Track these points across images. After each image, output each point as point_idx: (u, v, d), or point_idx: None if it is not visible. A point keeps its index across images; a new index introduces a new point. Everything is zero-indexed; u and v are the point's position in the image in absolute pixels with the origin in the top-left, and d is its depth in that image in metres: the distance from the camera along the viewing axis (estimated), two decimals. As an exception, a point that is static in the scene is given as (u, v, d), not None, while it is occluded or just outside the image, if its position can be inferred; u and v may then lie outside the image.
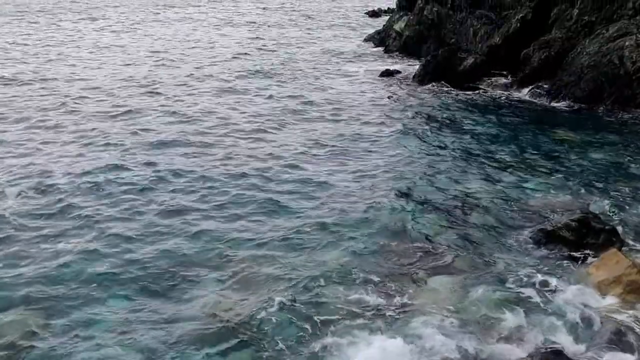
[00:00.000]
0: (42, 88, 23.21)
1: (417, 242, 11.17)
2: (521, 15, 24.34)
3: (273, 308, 9.11)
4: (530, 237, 11.29)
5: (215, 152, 15.97)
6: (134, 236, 11.30)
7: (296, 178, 14.25)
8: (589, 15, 22.33)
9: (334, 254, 10.75)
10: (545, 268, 10.28)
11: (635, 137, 17.21)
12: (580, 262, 10.45)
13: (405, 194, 13.34)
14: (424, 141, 17.23)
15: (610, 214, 12.21)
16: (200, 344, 8.41)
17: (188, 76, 25.24)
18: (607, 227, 11.08)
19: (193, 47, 31.28)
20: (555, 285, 9.66)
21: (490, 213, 12.39)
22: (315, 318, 8.91)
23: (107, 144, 16.51)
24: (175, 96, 21.89)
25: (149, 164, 14.94)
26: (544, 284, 9.75)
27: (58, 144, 16.59)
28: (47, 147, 16.31)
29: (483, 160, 15.64)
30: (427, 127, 18.63)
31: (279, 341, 8.42)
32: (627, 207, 12.58)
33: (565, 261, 10.52)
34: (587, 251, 10.65)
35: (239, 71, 26.16)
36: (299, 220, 12.04)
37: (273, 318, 8.89)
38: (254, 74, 25.45)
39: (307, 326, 8.73)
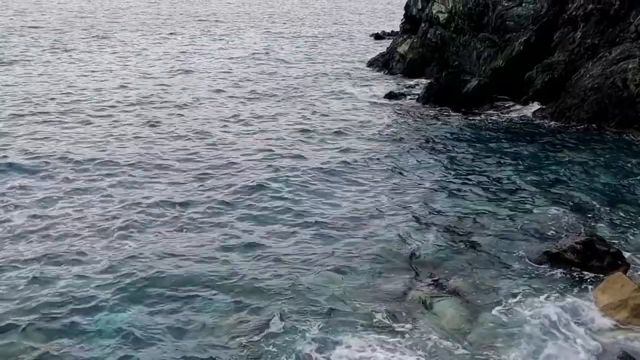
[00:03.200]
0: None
1: (420, 265, 11.14)
2: (524, 38, 24.49)
3: (279, 327, 9.14)
4: (535, 260, 11.23)
5: (216, 174, 15.98)
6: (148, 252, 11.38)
7: (298, 199, 14.25)
8: (591, 38, 22.45)
9: (337, 276, 10.73)
10: (550, 291, 10.20)
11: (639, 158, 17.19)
12: (585, 285, 10.37)
13: (409, 216, 13.33)
14: (428, 163, 17.21)
15: (616, 236, 12.16)
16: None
17: (188, 99, 25.32)
18: (612, 250, 11.02)
19: (191, 72, 31.02)
20: (560, 309, 9.59)
21: (494, 235, 12.36)
22: (318, 339, 8.89)
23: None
24: (179, 120, 21.97)
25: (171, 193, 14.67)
26: (549, 307, 9.67)
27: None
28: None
29: (487, 182, 15.63)
30: (430, 150, 18.64)
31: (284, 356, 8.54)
32: (632, 230, 12.54)
33: (570, 284, 10.46)
34: (593, 274, 10.58)
35: (244, 95, 26.26)
36: (302, 243, 12.04)
37: (279, 337, 8.92)
38: (257, 98, 25.53)
39: (310, 346, 8.73)
